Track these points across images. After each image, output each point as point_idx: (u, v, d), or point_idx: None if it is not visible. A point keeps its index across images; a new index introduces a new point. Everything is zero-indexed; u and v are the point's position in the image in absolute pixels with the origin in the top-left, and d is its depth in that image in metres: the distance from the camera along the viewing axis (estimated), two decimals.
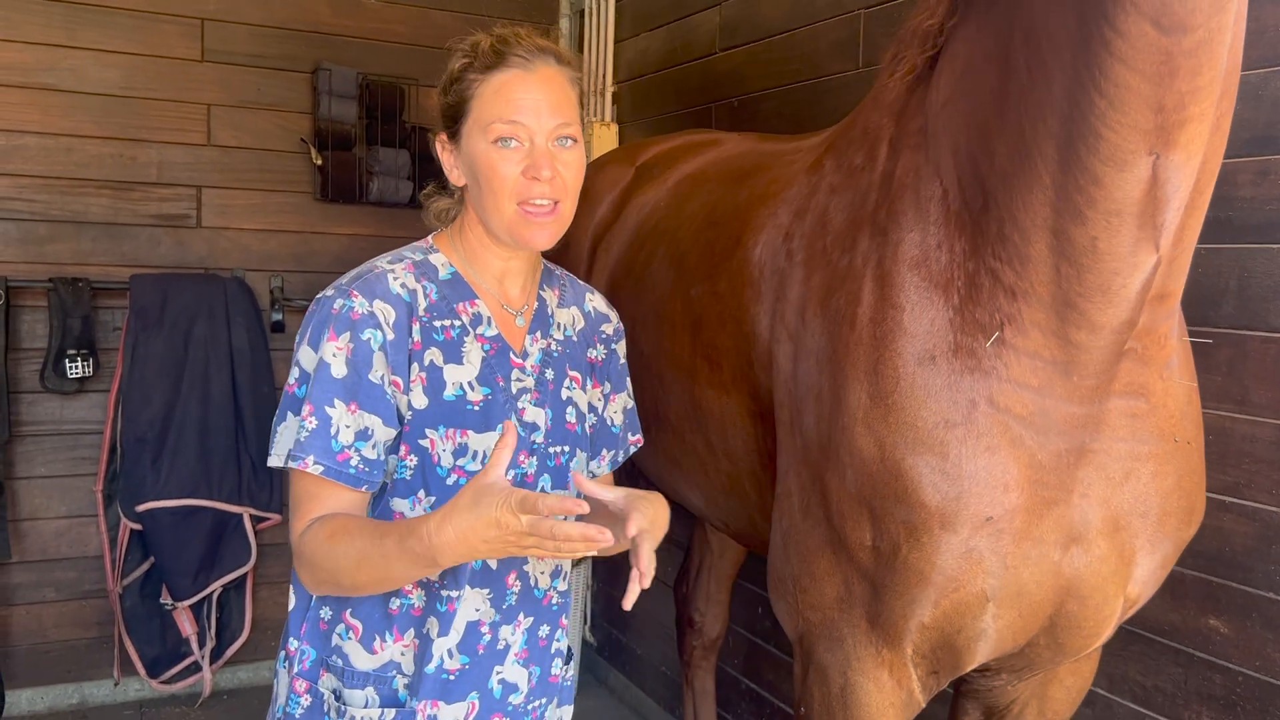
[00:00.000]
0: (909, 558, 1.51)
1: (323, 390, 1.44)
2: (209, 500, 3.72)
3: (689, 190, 2.37)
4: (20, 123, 3.64)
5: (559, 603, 1.66)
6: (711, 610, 3.09)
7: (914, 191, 1.55)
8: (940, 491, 1.47)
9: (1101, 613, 1.58)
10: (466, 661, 1.55)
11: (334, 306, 1.47)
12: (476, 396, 1.52)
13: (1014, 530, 1.47)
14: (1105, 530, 1.52)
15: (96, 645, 3.85)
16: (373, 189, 4.04)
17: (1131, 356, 1.45)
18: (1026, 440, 1.46)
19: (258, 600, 4.03)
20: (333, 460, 1.44)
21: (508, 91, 1.48)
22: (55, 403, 3.74)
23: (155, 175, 3.84)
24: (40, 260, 3.69)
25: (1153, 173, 1.23)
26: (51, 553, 3.79)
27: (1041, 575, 1.51)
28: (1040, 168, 1.31)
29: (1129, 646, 2.11)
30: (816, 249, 1.73)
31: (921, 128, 1.57)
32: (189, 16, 3.84)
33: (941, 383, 1.47)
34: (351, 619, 1.54)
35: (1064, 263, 1.34)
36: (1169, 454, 1.53)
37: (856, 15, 2.83)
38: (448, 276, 1.57)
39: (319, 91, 3.97)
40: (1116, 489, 1.51)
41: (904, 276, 1.53)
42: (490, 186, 1.48)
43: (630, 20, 4.05)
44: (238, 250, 3.98)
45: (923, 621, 1.55)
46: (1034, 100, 1.29)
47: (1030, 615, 1.55)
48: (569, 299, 1.71)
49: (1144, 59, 1.14)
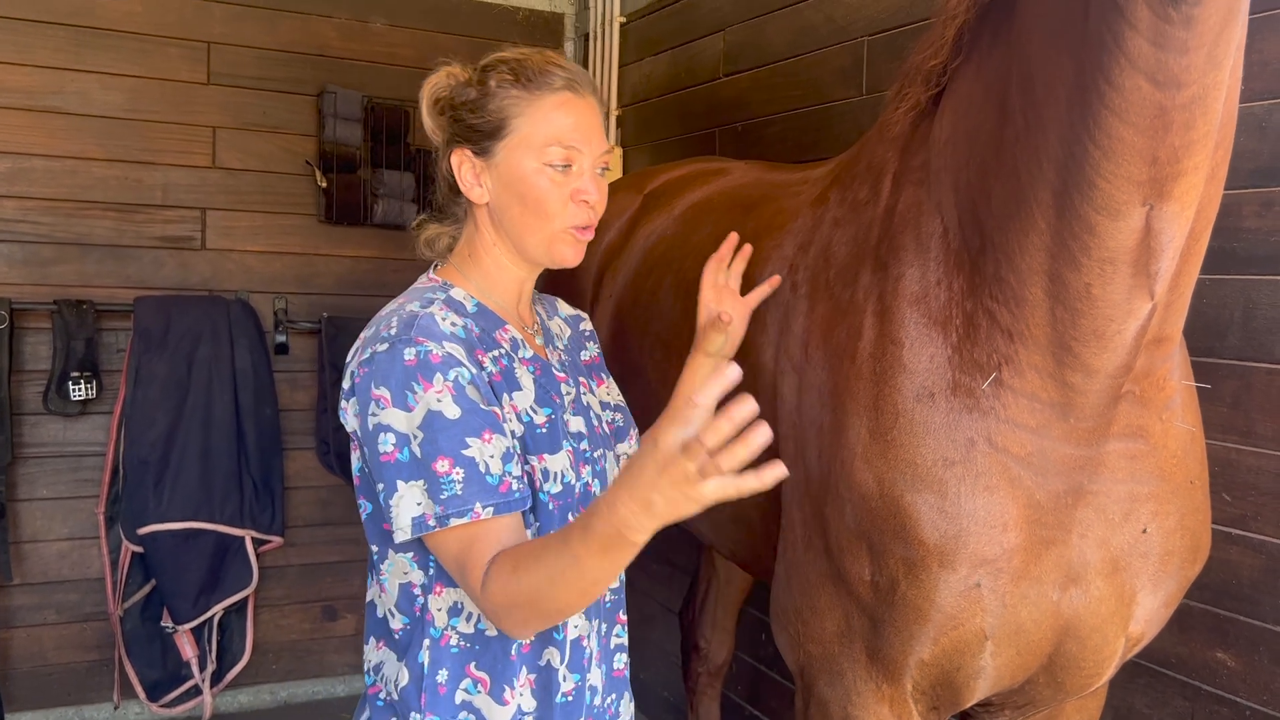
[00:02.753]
0: (907, 594, 1.50)
1: (450, 438, 1.36)
2: (211, 523, 3.71)
3: (696, 219, 2.37)
4: (26, 145, 3.65)
5: (611, 599, 1.64)
6: (717, 637, 3.07)
7: (915, 227, 1.55)
8: (939, 530, 1.46)
9: (1101, 653, 1.57)
10: (578, 679, 1.53)
11: (406, 358, 1.38)
12: (541, 419, 1.50)
13: (1012, 570, 1.47)
14: (1104, 570, 1.51)
15: (97, 668, 3.83)
16: (377, 211, 4.05)
17: (1130, 399, 1.45)
18: (1025, 480, 1.46)
19: (259, 623, 4.01)
20: (497, 495, 1.36)
21: (565, 112, 1.48)
22: (58, 425, 3.74)
23: (160, 197, 3.85)
24: (44, 282, 3.70)
25: (1146, 223, 1.24)
26: (53, 575, 3.78)
27: (1040, 615, 1.51)
28: (1036, 213, 1.32)
29: (1135, 679, 2.09)
30: (820, 282, 1.73)
31: (924, 163, 1.57)
32: (195, 40, 3.86)
33: (940, 420, 1.47)
34: (477, 672, 1.48)
35: (1059, 307, 1.34)
36: (1169, 494, 1.52)
37: (860, 42, 2.84)
38: (474, 310, 1.53)
39: (324, 114, 3.98)
40: (1115, 530, 1.50)
41: (904, 312, 1.53)
42: (540, 208, 1.47)
43: (635, 45, 4.06)
44: (242, 272, 3.99)
45: (922, 658, 1.54)
46: (1030, 146, 1.30)
47: (1028, 653, 1.54)
48: (550, 311, 1.73)
49: (1138, 113, 1.15)
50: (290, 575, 4.11)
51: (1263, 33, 1.86)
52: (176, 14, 3.82)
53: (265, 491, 3.85)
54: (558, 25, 4.47)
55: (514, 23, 4.35)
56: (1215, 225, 1.82)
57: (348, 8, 4.08)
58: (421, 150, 4.11)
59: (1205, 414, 1.94)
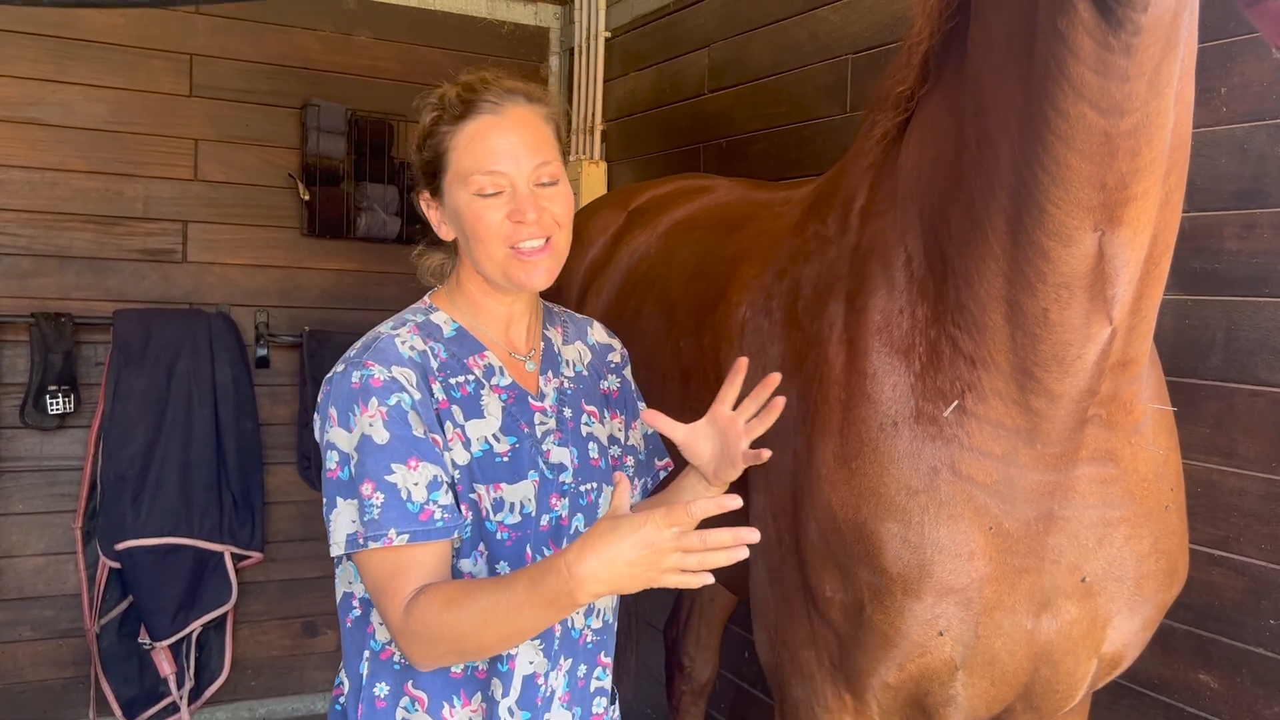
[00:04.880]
0: (873, 618, 1.51)
1: (376, 462, 1.38)
2: (189, 538, 3.67)
3: (678, 238, 2.37)
4: (5, 156, 3.62)
5: (593, 640, 1.62)
6: (701, 655, 3.05)
7: (881, 257, 1.56)
8: (902, 559, 1.47)
9: (1074, 675, 1.57)
10: (528, 716, 1.51)
11: (353, 381, 1.42)
12: (503, 447, 1.49)
13: (984, 600, 1.47)
14: (1076, 595, 1.51)
15: (72, 685, 3.78)
16: (360, 224, 4.03)
17: (1097, 423, 1.45)
18: (991, 508, 1.45)
19: (238, 639, 3.97)
20: (416, 523, 1.37)
21: (481, 140, 1.46)
22: (35, 439, 3.70)
23: (141, 210, 3.83)
24: (23, 295, 3.66)
25: (1099, 248, 1.25)
26: (28, 591, 3.73)
27: (1014, 645, 1.50)
28: (992, 239, 1.33)
29: (1119, 700, 2.09)
30: (792, 312, 1.75)
31: (890, 191, 1.59)
32: (178, 52, 3.84)
33: (904, 449, 1.47)
34: (415, 690, 1.48)
35: (1019, 333, 1.35)
36: (1142, 517, 1.52)
37: (844, 60, 2.84)
38: (452, 334, 1.54)
39: (307, 127, 3.96)
40: (1088, 555, 1.50)
41: (869, 342, 1.54)
42: (478, 236, 1.46)
43: (620, 59, 4.06)
44: (223, 285, 3.96)
45: (886, 681, 1.55)
46: (984, 173, 1.32)
47: (1004, 683, 1.54)
48: (572, 335, 1.70)
49: (1084, 139, 1.17)
50: (270, 591, 4.07)
51: (1244, 55, 1.87)
52: (160, 26, 3.80)
53: (245, 506, 3.81)
54: (542, 40, 4.47)
55: (499, 37, 4.35)
56: (1198, 247, 1.82)
57: (332, 21, 4.06)
58: (405, 164, 4.10)
59: (1187, 435, 1.94)
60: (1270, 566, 1.86)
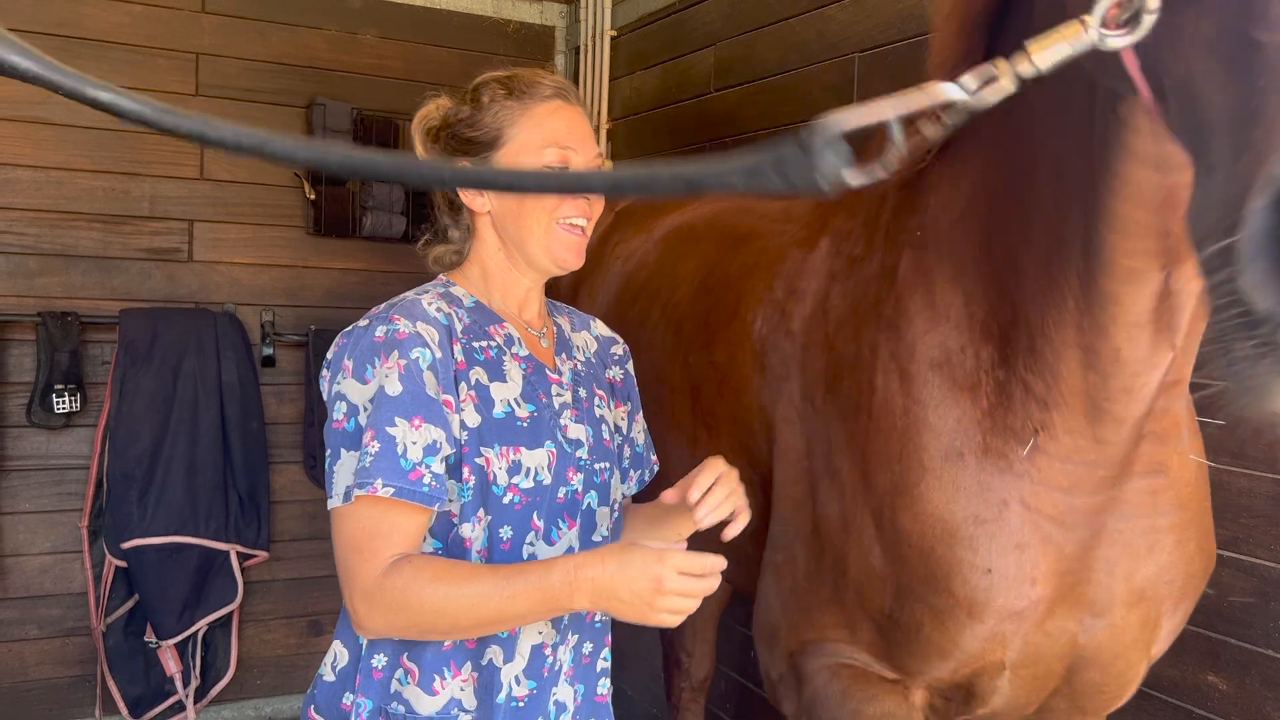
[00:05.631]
0: (931, 636, 1.54)
1: (382, 412, 1.40)
2: (195, 537, 3.67)
3: (680, 247, 2.38)
4: (12, 156, 3.62)
5: (602, 620, 1.67)
6: (699, 650, 3.05)
7: (929, 291, 1.58)
8: (969, 584, 1.50)
9: (1125, 677, 1.62)
10: (534, 686, 1.55)
11: (376, 334, 1.46)
12: (524, 413, 1.53)
13: (1038, 616, 1.51)
14: (1129, 601, 1.55)
15: (79, 684, 3.79)
16: (366, 224, 4.03)
17: (1151, 438, 1.48)
18: (1055, 537, 1.49)
19: (244, 638, 3.97)
20: (405, 480, 1.39)
21: (559, 118, 1.55)
22: (42, 437, 3.70)
23: (147, 209, 3.83)
24: (29, 294, 3.66)
25: (1165, 285, 1.28)
26: (35, 589, 3.74)
27: (1058, 646, 1.55)
28: (1066, 292, 1.36)
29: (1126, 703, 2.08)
30: (818, 335, 1.76)
31: (921, 226, 1.60)
32: (183, 51, 3.84)
33: (971, 480, 1.50)
34: (409, 663, 1.50)
35: (1091, 373, 1.39)
36: (1188, 521, 1.57)
37: (851, 59, 2.83)
38: (472, 305, 1.59)
39: (313, 126, 3.96)
40: (1141, 563, 1.54)
41: (925, 375, 1.56)
42: (538, 204, 1.53)
43: (625, 58, 4.06)
44: (229, 284, 3.96)
45: (939, 678, 1.60)
46: (1056, 231, 1.35)
47: (1046, 676, 1.58)
48: (578, 325, 1.77)
49: (1148, 197, 1.19)
50: (276, 590, 4.07)
51: None
52: (165, 25, 3.80)
53: (251, 506, 3.81)
54: (548, 38, 4.46)
55: (504, 35, 4.34)
56: None
57: (338, 20, 4.06)
58: None
59: None
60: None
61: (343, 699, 1.55)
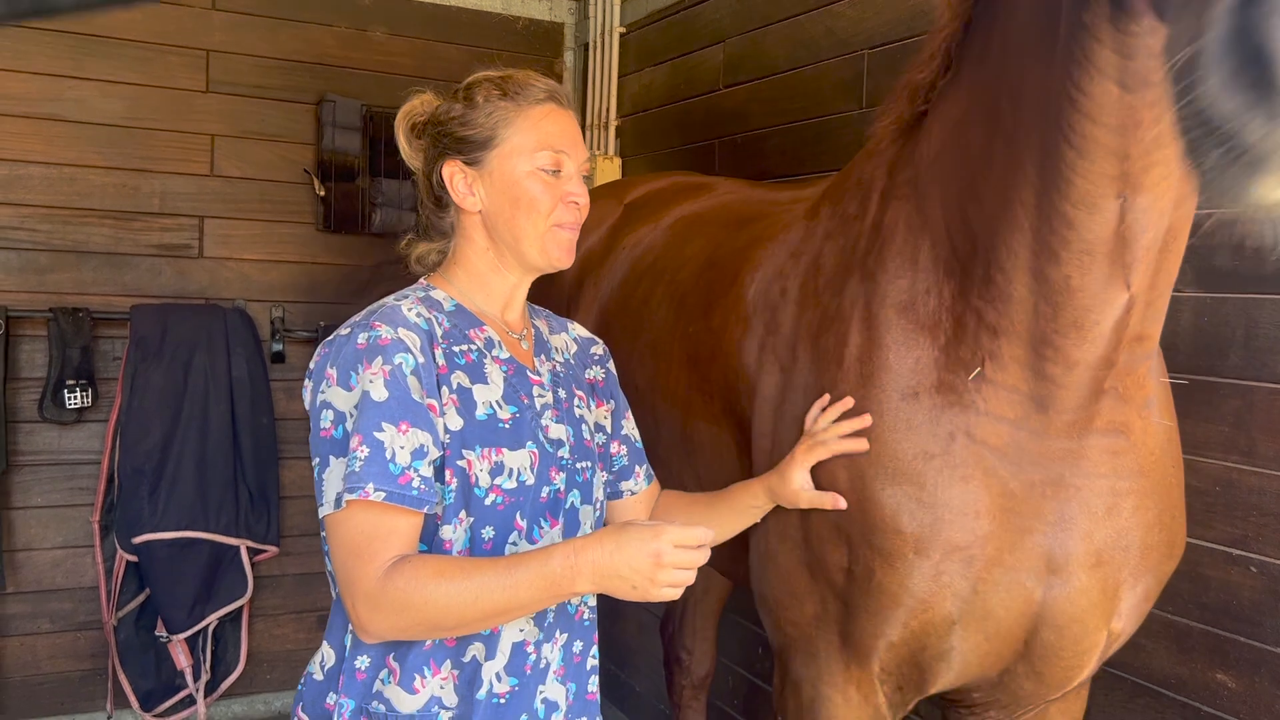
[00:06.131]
0: (882, 581, 1.56)
1: (368, 418, 1.41)
2: (206, 532, 3.69)
3: (687, 232, 2.39)
4: (24, 153, 3.64)
5: (590, 618, 1.68)
6: (699, 647, 3.05)
7: (902, 241, 1.62)
8: (916, 520, 1.53)
9: (1081, 644, 1.60)
10: (515, 683, 1.55)
11: (358, 342, 1.46)
12: (505, 415, 1.55)
13: (985, 557, 1.52)
14: (1087, 563, 1.55)
15: (90, 677, 3.81)
16: (375, 220, 4.04)
17: (1112, 395, 1.50)
18: (999, 470, 1.52)
19: (254, 633, 3.99)
20: (394, 484, 1.40)
21: (553, 121, 1.58)
22: (53, 433, 3.73)
23: (158, 205, 3.84)
24: (41, 290, 3.68)
25: (1121, 214, 1.30)
26: (46, 584, 3.76)
27: (1010, 600, 1.55)
28: (1020, 213, 1.38)
29: (1135, 699, 2.08)
30: (809, 290, 1.79)
31: (911, 179, 1.63)
32: (194, 48, 3.85)
33: (923, 417, 1.54)
34: (393, 662, 1.51)
35: (1042, 301, 1.41)
36: (1149, 489, 1.57)
37: (860, 55, 2.83)
38: (452, 309, 1.60)
39: (323, 123, 3.98)
40: (1099, 523, 1.55)
41: (890, 319, 1.59)
42: (533, 209, 1.55)
43: (635, 55, 4.06)
44: (239, 280, 3.98)
45: (891, 640, 1.60)
46: (1014, 151, 1.37)
47: (998, 639, 1.58)
48: (556, 328, 1.79)
49: (1109, 114, 1.22)
50: (286, 585, 4.09)
51: None
52: (176, 22, 3.81)
53: (261, 501, 3.83)
54: (557, 35, 4.47)
55: (514, 32, 4.35)
56: (1218, 244, 1.82)
57: (348, 17, 4.07)
58: None
59: (1206, 433, 1.94)
60: None
61: (326, 698, 1.56)
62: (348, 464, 1.41)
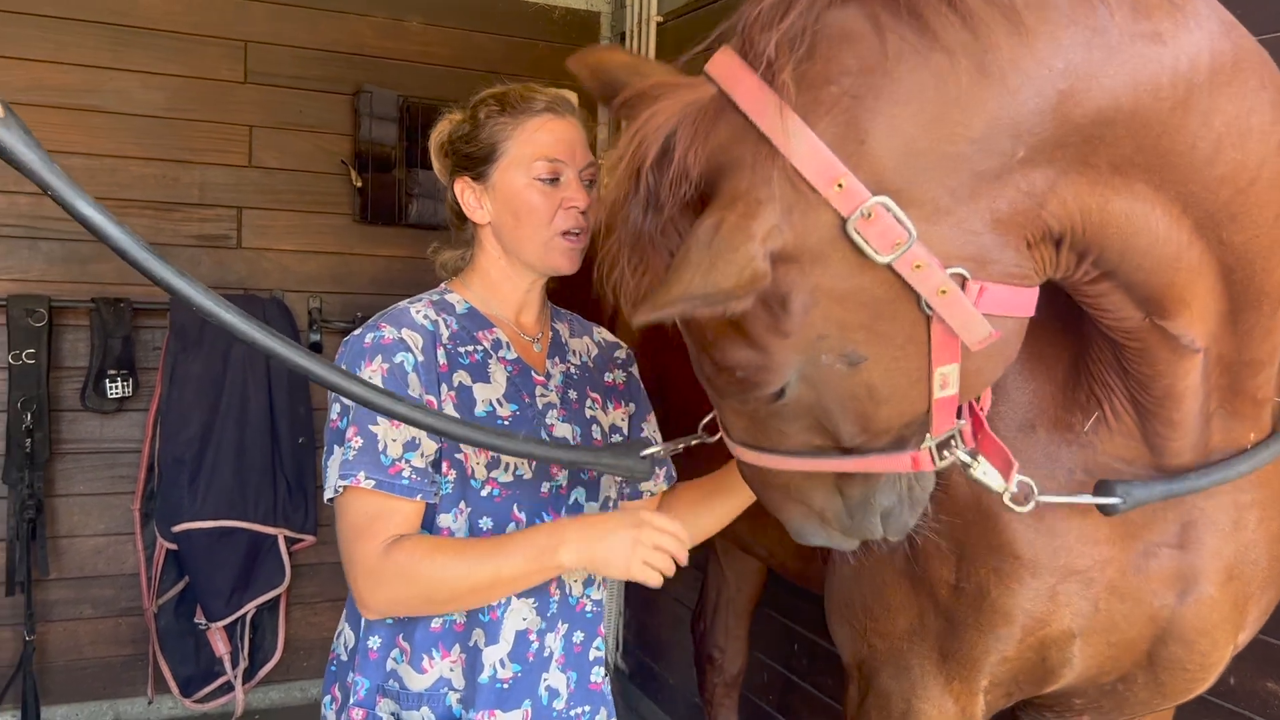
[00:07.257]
0: (997, 600, 1.56)
1: (364, 411, 1.52)
2: (244, 521, 3.72)
3: None
4: (65, 143, 3.67)
5: (593, 610, 1.75)
6: (731, 646, 3.04)
7: None
8: (1034, 547, 1.53)
9: (1209, 657, 1.60)
10: (519, 669, 1.64)
11: (365, 340, 1.58)
12: (505, 412, 1.64)
13: (1105, 579, 1.52)
14: (1219, 580, 1.54)
15: (131, 663, 3.87)
16: (412, 211, 4.05)
17: (1220, 415, 1.47)
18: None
19: (291, 621, 4.03)
20: (384, 474, 1.51)
21: (547, 131, 1.64)
22: (95, 421, 3.77)
23: (197, 196, 3.87)
24: (83, 280, 3.72)
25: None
26: (89, 570, 3.82)
27: (1135, 615, 1.54)
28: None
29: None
30: None
31: None
32: (233, 39, 3.87)
33: (1040, 452, 1.53)
34: (403, 643, 1.63)
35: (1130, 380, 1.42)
36: (1271, 499, 1.56)
37: None
38: (464, 311, 1.70)
39: (360, 113, 3.98)
40: (1227, 539, 1.54)
41: None
42: (532, 218, 1.63)
43: (672, 44, 4.02)
44: (277, 271, 4.00)
45: (1005, 655, 1.60)
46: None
47: (1121, 647, 1.58)
48: (578, 331, 1.85)
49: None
50: (323, 573, 4.12)
51: None
52: (216, 13, 3.83)
53: (299, 490, 3.86)
54: (594, 24, 4.44)
55: (550, 21, 4.33)
56: None
57: (385, 7, 4.07)
58: None
59: None
60: None
61: (348, 678, 1.67)
62: (343, 452, 1.53)
